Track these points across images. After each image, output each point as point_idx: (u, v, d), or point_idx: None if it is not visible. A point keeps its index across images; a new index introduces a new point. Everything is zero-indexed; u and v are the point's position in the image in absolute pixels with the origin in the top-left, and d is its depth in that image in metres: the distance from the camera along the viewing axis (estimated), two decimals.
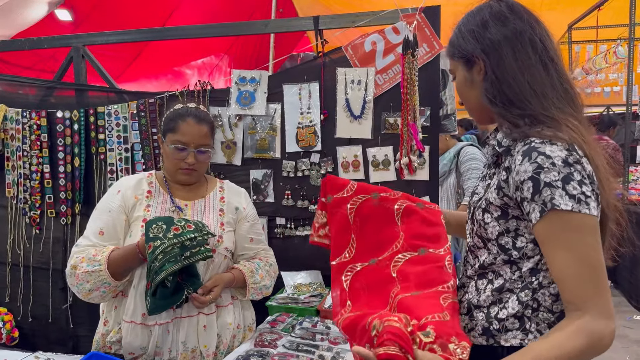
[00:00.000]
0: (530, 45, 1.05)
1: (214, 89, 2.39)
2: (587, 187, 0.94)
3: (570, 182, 0.93)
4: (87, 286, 1.58)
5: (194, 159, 1.68)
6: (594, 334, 0.93)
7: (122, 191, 1.71)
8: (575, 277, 0.94)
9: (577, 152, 0.97)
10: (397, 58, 2.18)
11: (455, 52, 1.14)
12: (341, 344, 1.75)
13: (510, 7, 1.09)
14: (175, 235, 1.51)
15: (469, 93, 1.15)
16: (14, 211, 2.61)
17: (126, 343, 1.63)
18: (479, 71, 1.09)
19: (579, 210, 0.93)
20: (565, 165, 0.94)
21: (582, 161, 0.96)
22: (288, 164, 2.32)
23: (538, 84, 1.03)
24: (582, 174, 0.95)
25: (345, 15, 2.27)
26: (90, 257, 1.59)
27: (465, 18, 1.14)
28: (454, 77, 1.19)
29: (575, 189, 0.93)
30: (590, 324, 0.93)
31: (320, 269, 2.31)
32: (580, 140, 0.98)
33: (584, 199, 0.93)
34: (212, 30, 2.53)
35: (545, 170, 0.94)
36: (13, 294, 2.66)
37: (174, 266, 1.48)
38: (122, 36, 2.55)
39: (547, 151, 0.96)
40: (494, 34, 1.06)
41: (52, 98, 2.58)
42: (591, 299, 0.94)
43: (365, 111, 2.23)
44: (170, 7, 6.17)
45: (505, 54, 1.05)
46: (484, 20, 1.08)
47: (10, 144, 2.56)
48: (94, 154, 2.51)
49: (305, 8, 5.69)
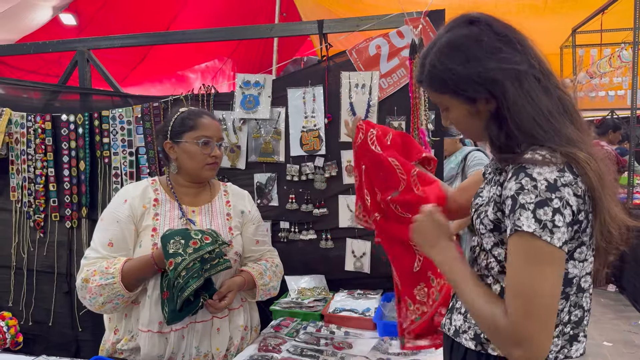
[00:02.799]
0: (530, 74, 1.00)
1: (218, 92, 2.40)
2: (562, 217, 0.92)
3: (543, 207, 0.92)
4: (101, 299, 1.58)
5: (219, 151, 1.73)
6: (501, 335, 0.96)
7: (130, 201, 1.69)
8: (515, 306, 0.93)
9: (571, 172, 0.95)
10: (401, 62, 2.18)
11: (448, 91, 1.06)
12: (345, 349, 1.74)
13: (495, 31, 1.01)
14: (194, 249, 1.52)
15: (474, 123, 1.08)
16: (18, 215, 2.62)
17: (144, 353, 1.62)
18: (484, 104, 1.03)
19: (539, 235, 0.91)
20: (547, 190, 0.92)
21: (573, 184, 0.94)
22: (292, 168, 2.32)
23: (544, 115, 0.99)
24: (563, 201, 0.92)
25: (349, 19, 2.27)
26: (102, 270, 1.58)
27: (445, 52, 1.04)
28: (442, 108, 1.12)
29: (545, 215, 0.92)
30: (506, 329, 0.94)
31: (324, 273, 2.31)
32: (581, 155, 0.96)
33: (550, 226, 0.91)
34: (217, 34, 2.53)
35: (524, 192, 0.94)
36: (16, 297, 2.66)
37: (198, 282, 1.51)
38: (127, 40, 2.55)
39: (534, 173, 0.94)
40: (495, 72, 0.99)
41: (57, 102, 2.58)
42: (518, 324, 0.93)
43: (369, 115, 2.22)
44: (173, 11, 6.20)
45: (509, 92, 0.99)
46: (476, 56, 1.00)
47: (15, 148, 2.56)
48: (99, 157, 2.51)
49: (308, 12, 5.70)
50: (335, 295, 2.18)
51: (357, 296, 2.15)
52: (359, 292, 2.20)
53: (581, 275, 1.04)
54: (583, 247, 1.00)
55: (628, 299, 4.90)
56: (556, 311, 0.96)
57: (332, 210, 2.30)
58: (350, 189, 2.27)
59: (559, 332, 1.04)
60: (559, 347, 1.05)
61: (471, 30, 1.03)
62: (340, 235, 2.30)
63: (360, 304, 2.05)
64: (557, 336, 1.04)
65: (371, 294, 2.17)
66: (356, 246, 2.28)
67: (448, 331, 1.16)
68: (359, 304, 2.05)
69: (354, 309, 2.01)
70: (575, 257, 1.00)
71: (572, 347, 1.06)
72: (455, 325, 1.13)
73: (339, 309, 2.02)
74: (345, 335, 1.87)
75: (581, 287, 1.05)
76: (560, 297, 0.99)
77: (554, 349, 1.04)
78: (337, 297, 2.14)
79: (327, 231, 2.31)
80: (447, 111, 1.11)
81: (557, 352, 1.04)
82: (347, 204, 2.28)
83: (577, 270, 1.01)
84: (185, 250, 1.51)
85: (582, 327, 1.08)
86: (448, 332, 1.16)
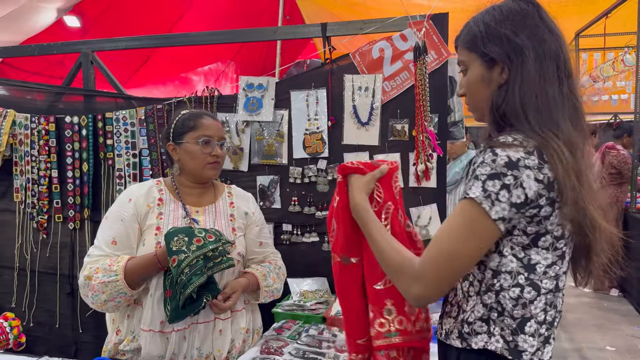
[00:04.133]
0: (554, 60, 1.04)
1: (221, 95, 2.40)
2: (508, 194, 0.96)
3: (493, 180, 0.96)
4: (103, 297, 1.58)
5: (220, 151, 1.74)
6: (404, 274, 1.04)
7: (134, 199, 1.70)
8: (433, 243, 1.01)
9: (539, 158, 0.97)
10: (404, 65, 2.18)
11: (476, 48, 1.10)
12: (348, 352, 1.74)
13: (540, 15, 1.07)
14: (197, 247, 1.52)
15: (482, 91, 1.12)
16: (22, 216, 2.62)
17: (145, 353, 1.62)
18: (499, 73, 1.08)
19: (480, 202, 0.96)
20: (505, 165, 0.96)
21: (536, 168, 0.97)
22: (295, 170, 2.32)
23: (548, 103, 1.02)
24: (518, 181, 0.96)
25: (353, 22, 2.27)
26: (105, 268, 1.58)
27: (491, 14, 1.10)
28: (464, 68, 1.15)
29: (493, 187, 0.96)
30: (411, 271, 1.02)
31: (326, 276, 2.30)
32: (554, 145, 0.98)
33: (493, 198, 0.96)
34: (220, 37, 2.54)
35: (482, 165, 0.99)
36: (19, 298, 2.67)
37: (201, 279, 1.51)
38: (131, 42, 2.56)
39: (497, 151, 0.98)
40: (524, 42, 1.04)
41: (61, 103, 2.59)
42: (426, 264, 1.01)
43: (372, 118, 2.23)
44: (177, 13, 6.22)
45: (528, 66, 1.03)
46: (515, 25, 1.06)
47: (19, 149, 2.57)
48: (102, 159, 2.51)
49: (311, 15, 5.71)
50: (337, 298, 2.18)
51: None
52: None
53: (552, 268, 1.04)
54: (548, 235, 1.02)
55: (631, 304, 4.88)
56: (459, 273, 1.03)
57: None
58: None
59: (534, 331, 1.04)
60: (534, 348, 1.04)
61: (520, 5, 1.09)
62: None
63: None
64: (532, 335, 1.04)
65: None
66: None
67: (440, 336, 1.17)
68: None
69: None
70: (539, 245, 1.02)
71: (545, 349, 1.06)
72: (446, 329, 1.15)
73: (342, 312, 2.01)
74: None
75: (558, 286, 1.06)
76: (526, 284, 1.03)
77: (530, 349, 1.04)
78: None
79: None
80: (465, 74, 1.15)
81: (533, 354, 1.04)
82: None
83: (539, 257, 1.03)
84: (189, 247, 1.51)
85: (554, 329, 1.08)
86: (441, 337, 1.17)
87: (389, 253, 1.09)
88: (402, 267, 1.05)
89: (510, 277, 1.04)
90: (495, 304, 1.05)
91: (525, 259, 1.03)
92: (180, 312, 1.54)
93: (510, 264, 1.04)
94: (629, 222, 4.99)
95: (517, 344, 1.04)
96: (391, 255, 1.08)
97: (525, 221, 1.01)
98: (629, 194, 5.09)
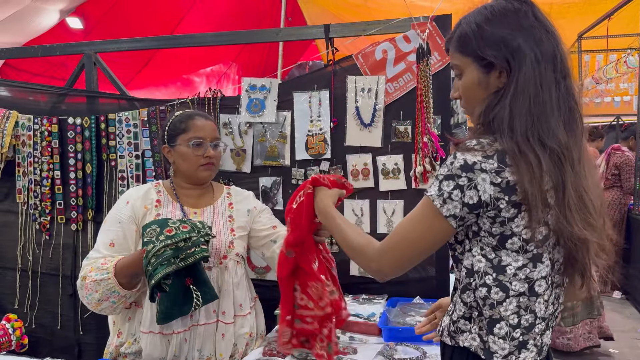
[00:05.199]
0: (552, 62, 1.03)
1: (224, 96, 2.40)
2: (461, 194, 1.01)
3: (448, 180, 1.03)
4: (96, 296, 1.57)
5: (212, 152, 1.72)
6: (366, 253, 1.16)
7: (131, 202, 1.71)
8: (393, 239, 1.12)
9: (500, 162, 0.99)
10: (407, 66, 2.17)
11: (470, 51, 1.08)
12: (350, 354, 1.73)
13: (535, 14, 1.05)
14: (167, 237, 1.47)
15: (479, 95, 1.10)
16: (24, 217, 2.62)
17: (146, 354, 1.62)
18: (497, 77, 1.06)
19: (433, 199, 1.04)
20: (460, 168, 1.01)
21: (493, 172, 0.99)
22: (297, 172, 2.32)
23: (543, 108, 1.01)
24: (472, 183, 1.00)
25: (356, 23, 2.27)
26: (98, 266, 1.59)
27: (483, 14, 1.07)
28: (458, 72, 1.13)
29: (447, 187, 1.02)
30: (373, 250, 1.14)
31: None
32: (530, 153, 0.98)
33: (445, 196, 1.03)
34: (223, 38, 2.54)
35: (442, 167, 1.05)
36: (21, 300, 2.67)
37: (167, 269, 1.44)
38: (134, 44, 2.56)
39: (458, 154, 1.02)
40: (522, 45, 1.02)
41: (63, 105, 2.59)
42: (386, 246, 1.12)
43: (375, 119, 2.22)
44: (179, 15, 6.22)
45: (526, 69, 1.02)
46: (511, 26, 1.04)
47: (22, 150, 2.57)
48: (105, 160, 2.51)
49: (314, 17, 5.72)
50: None
51: (362, 301, 2.14)
52: (364, 297, 2.19)
53: (523, 271, 1.04)
54: (515, 238, 1.03)
55: (634, 306, 4.86)
56: (414, 259, 1.12)
57: None
58: (355, 194, 2.27)
59: (505, 333, 1.04)
60: (506, 351, 1.04)
61: (514, 5, 1.06)
62: None
63: (365, 308, 2.05)
64: (502, 338, 1.04)
65: (376, 299, 2.16)
66: None
67: (440, 334, 1.19)
68: (364, 308, 2.05)
69: (359, 314, 2.00)
70: (507, 247, 1.04)
71: (521, 355, 1.05)
72: (442, 327, 1.17)
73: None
74: (350, 340, 1.86)
75: (534, 290, 1.05)
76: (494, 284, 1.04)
77: (501, 352, 1.04)
78: None
79: (332, 235, 2.30)
80: (460, 78, 1.13)
81: (504, 357, 1.04)
82: (352, 208, 2.27)
83: (510, 259, 1.04)
84: (158, 237, 1.47)
85: (532, 334, 1.06)
86: (440, 336, 1.19)
87: (354, 237, 1.21)
88: (365, 246, 1.17)
89: (478, 277, 1.06)
90: (474, 302, 1.08)
91: (495, 259, 1.05)
92: (168, 313, 1.51)
93: (478, 264, 1.06)
94: (631, 225, 4.96)
95: (489, 345, 1.05)
96: (356, 238, 1.20)
97: (488, 222, 1.03)
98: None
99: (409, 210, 2.19)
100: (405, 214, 2.19)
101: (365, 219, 2.26)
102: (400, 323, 1.88)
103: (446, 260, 2.26)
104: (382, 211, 2.24)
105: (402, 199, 2.22)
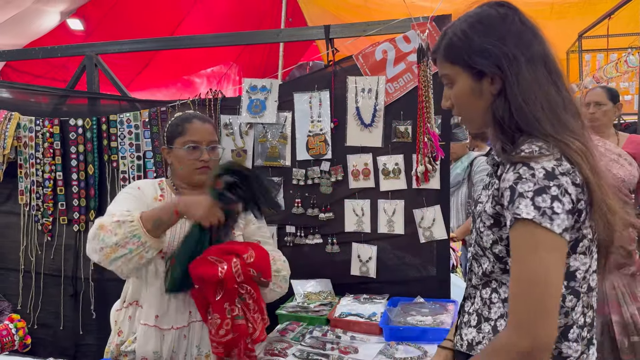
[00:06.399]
0: (543, 63, 1.02)
1: (225, 97, 2.41)
2: (560, 204, 0.92)
3: (541, 195, 0.92)
4: (114, 239, 1.48)
5: (208, 156, 1.72)
6: (511, 352, 0.93)
7: (142, 187, 1.74)
8: (516, 293, 0.95)
9: (568, 162, 0.96)
10: (407, 67, 2.18)
11: (460, 60, 1.06)
12: (351, 354, 1.74)
13: (521, 19, 1.04)
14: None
15: (474, 103, 1.08)
16: (27, 218, 2.63)
17: (139, 347, 1.62)
18: (489, 84, 1.04)
19: (539, 222, 0.91)
20: (545, 178, 0.93)
21: (571, 172, 0.95)
22: (298, 172, 2.33)
23: (552, 107, 1.00)
24: (562, 189, 0.93)
25: (356, 24, 2.28)
26: (122, 213, 1.54)
27: (469, 22, 1.05)
28: (447, 82, 1.11)
29: (544, 202, 0.92)
30: (512, 339, 0.93)
31: (330, 278, 2.30)
32: (574, 146, 0.97)
33: (549, 213, 0.91)
34: (224, 39, 2.55)
35: (522, 181, 0.94)
36: (24, 300, 2.68)
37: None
38: (135, 45, 2.57)
39: (531, 162, 0.95)
40: (512, 50, 1.01)
41: (65, 106, 2.60)
42: (520, 315, 0.93)
43: (375, 119, 2.23)
44: (179, 16, 6.24)
45: (522, 73, 1.00)
46: (498, 32, 1.02)
47: (24, 152, 2.58)
48: (107, 161, 2.52)
49: (314, 18, 5.73)
50: (341, 299, 2.18)
51: (363, 301, 2.15)
52: (365, 296, 2.20)
53: (588, 271, 1.02)
54: (585, 240, 1.00)
55: None
56: (559, 299, 0.95)
57: (338, 214, 2.30)
58: (356, 194, 2.27)
59: (577, 335, 1.02)
60: (579, 352, 1.02)
61: (499, 10, 1.05)
62: (346, 239, 2.30)
63: (367, 308, 2.05)
64: (575, 341, 1.02)
65: (377, 299, 2.16)
66: (362, 251, 2.28)
67: (461, 347, 1.13)
68: (365, 308, 2.05)
69: (360, 314, 2.01)
70: (577, 251, 1.00)
71: (590, 351, 1.04)
72: (468, 340, 1.11)
73: (345, 314, 2.02)
74: (351, 340, 1.87)
75: (590, 286, 1.04)
76: (567, 292, 0.99)
77: (574, 355, 1.02)
78: (343, 302, 2.14)
79: (333, 235, 2.32)
80: (450, 87, 1.11)
81: (577, 358, 1.02)
82: (353, 208, 2.28)
83: (578, 263, 1.01)
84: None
85: (594, 329, 1.06)
86: (461, 349, 1.13)
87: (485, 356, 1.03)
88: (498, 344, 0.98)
89: None
90: None
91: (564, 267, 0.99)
92: (180, 282, 1.54)
93: None
94: None
95: (560, 351, 1.02)
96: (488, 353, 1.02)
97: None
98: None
99: (409, 209, 2.23)
100: (406, 214, 2.21)
101: (366, 218, 2.26)
102: (402, 322, 1.88)
103: (447, 260, 2.27)
104: (382, 211, 2.25)
105: (403, 198, 2.22)
